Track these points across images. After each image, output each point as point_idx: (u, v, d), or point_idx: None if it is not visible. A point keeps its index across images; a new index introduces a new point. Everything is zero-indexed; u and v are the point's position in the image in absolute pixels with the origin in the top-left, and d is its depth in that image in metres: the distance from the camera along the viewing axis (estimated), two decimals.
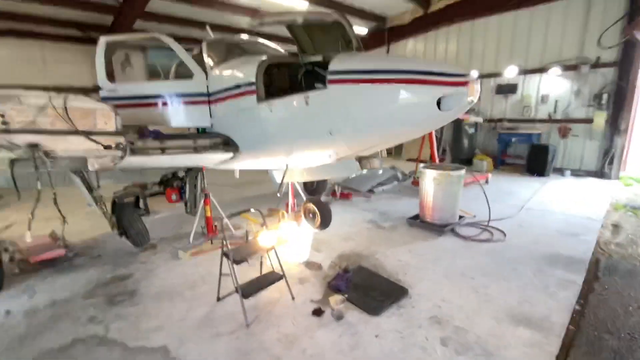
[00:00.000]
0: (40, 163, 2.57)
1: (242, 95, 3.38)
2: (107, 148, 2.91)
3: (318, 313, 2.95)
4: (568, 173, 8.65)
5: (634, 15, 7.31)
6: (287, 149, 3.39)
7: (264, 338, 2.64)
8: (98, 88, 3.94)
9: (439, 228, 4.80)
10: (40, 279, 3.71)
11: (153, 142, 3.34)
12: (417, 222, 5.13)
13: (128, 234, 4.10)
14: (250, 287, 3.00)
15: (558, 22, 8.54)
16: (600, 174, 8.32)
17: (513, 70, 9.29)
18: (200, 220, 4.72)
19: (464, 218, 5.24)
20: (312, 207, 4.21)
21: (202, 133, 3.98)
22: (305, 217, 4.34)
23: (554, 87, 8.86)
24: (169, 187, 7.30)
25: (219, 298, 3.18)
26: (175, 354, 2.50)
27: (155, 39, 3.93)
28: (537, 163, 8.65)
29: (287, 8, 9.06)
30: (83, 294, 3.39)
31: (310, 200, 4.29)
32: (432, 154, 7.44)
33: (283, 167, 3.64)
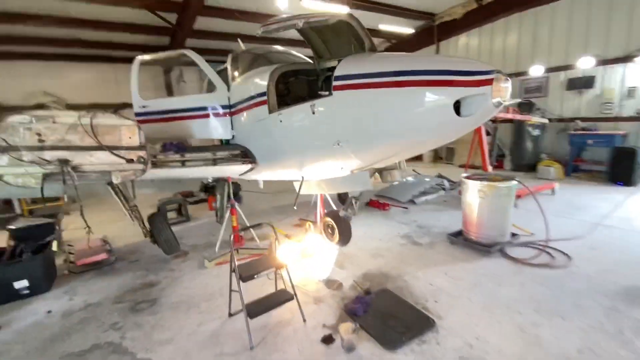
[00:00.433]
0: (68, 177, 2.77)
1: (255, 106, 3.31)
2: (129, 162, 3.05)
3: (328, 341, 2.69)
4: None
5: None
6: (298, 161, 3.22)
7: None
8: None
9: (485, 248, 4.15)
10: (83, 281, 4.05)
11: (174, 155, 3.44)
12: (459, 239, 4.53)
13: (158, 242, 4.30)
14: (259, 306, 2.87)
15: None
16: None
17: (589, 61, 7.96)
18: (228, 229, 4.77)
19: (518, 236, 4.49)
20: (330, 221, 3.96)
21: (224, 145, 4.02)
22: (324, 232, 4.08)
23: None
24: (211, 195, 7.71)
25: (231, 314, 3.13)
26: None
27: (183, 55, 4.09)
28: (620, 169, 7.24)
29: (330, 14, 8.99)
30: (113, 299, 3.60)
31: (329, 215, 4.03)
32: (482, 160, 6.57)
33: (299, 178, 3.46)
